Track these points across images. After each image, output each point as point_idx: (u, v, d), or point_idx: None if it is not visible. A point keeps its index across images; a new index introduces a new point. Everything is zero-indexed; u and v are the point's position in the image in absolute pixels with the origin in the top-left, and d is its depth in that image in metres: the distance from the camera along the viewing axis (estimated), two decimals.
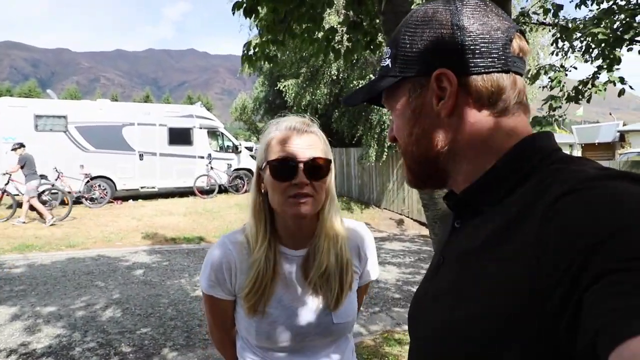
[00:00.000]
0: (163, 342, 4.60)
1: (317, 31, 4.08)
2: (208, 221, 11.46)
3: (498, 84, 0.69)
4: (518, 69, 0.71)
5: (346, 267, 1.31)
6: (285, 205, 1.22)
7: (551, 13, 5.60)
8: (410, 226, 12.53)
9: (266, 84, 19.67)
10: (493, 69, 0.69)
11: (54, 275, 6.92)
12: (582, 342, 0.47)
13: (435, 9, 0.73)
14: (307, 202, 1.22)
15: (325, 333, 1.28)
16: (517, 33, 0.72)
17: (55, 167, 12.39)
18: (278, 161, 1.22)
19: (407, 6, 2.60)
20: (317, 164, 1.23)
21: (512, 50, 0.70)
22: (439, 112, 0.72)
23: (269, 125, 1.32)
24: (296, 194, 1.21)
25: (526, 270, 0.55)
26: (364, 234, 1.43)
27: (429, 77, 0.72)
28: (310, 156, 1.23)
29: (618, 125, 23.12)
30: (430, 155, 0.75)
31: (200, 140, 15.39)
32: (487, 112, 0.71)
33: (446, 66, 0.70)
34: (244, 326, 1.30)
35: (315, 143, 1.26)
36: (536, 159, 0.67)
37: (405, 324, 5.25)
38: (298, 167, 1.21)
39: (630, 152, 16.97)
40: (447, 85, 0.70)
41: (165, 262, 7.91)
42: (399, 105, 0.78)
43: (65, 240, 9.40)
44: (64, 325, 4.95)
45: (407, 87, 0.76)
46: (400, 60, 0.75)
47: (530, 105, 0.77)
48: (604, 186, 0.53)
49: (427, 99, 0.73)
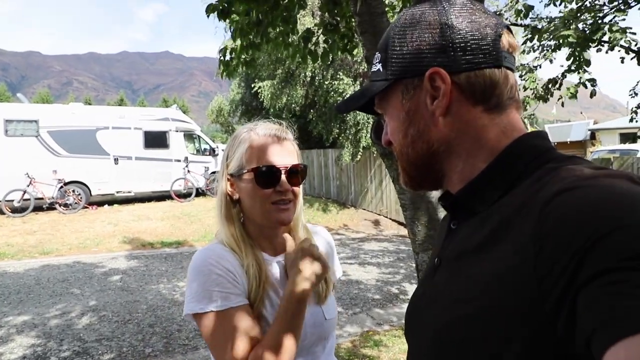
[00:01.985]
0: (142, 348, 4.53)
1: (292, 34, 4.08)
2: (186, 225, 11.33)
3: (491, 79, 0.70)
4: (509, 64, 0.72)
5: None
6: (268, 212, 1.23)
7: (522, 14, 5.71)
8: (388, 226, 12.61)
9: (242, 86, 19.53)
10: (485, 65, 0.70)
11: (27, 284, 6.76)
12: (579, 341, 0.47)
13: (423, 11, 0.73)
14: (289, 208, 1.25)
15: (319, 331, 1.28)
16: (505, 29, 0.73)
17: (27, 172, 12.11)
18: (265, 168, 1.22)
19: (382, 7, 2.62)
20: (297, 170, 1.27)
21: (501, 46, 0.71)
22: (434, 112, 0.72)
23: (242, 130, 1.31)
24: (279, 200, 1.23)
25: (524, 269, 0.55)
26: (327, 236, 1.50)
27: (421, 78, 0.72)
28: (291, 163, 1.26)
29: (589, 123, 23.70)
30: (426, 156, 0.76)
31: (177, 144, 15.20)
32: (481, 108, 0.71)
33: (438, 65, 0.70)
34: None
35: (292, 150, 1.30)
36: (531, 158, 0.68)
37: (385, 324, 5.29)
38: (281, 173, 1.23)
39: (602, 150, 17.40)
40: (441, 84, 0.70)
41: (143, 268, 7.80)
42: (393, 108, 0.78)
43: (39, 247, 9.18)
44: (39, 334, 4.84)
45: (399, 90, 0.76)
46: (391, 63, 0.75)
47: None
48: (600, 185, 0.54)
49: (420, 99, 0.73)
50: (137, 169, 14.32)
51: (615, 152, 15.26)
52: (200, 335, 4.79)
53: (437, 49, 0.70)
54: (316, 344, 1.29)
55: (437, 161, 0.75)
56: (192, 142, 16.07)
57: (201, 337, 4.78)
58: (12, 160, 12.34)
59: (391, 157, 2.74)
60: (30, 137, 12.90)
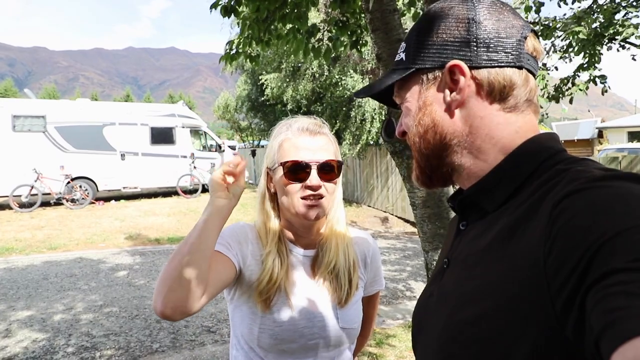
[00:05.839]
0: (149, 343, 4.55)
1: (302, 30, 4.07)
2: (192, 221, 11.36)
3: (510, 78, 0.70)
4: (531, 67, 0.72)
5: (353, 266, 1.33)
6: (297, 207, 1.22)
7: (532, 11, 5.66)
8: (395, 223, 12.58)
9: (249, 82, 19.55)
10: (506, 64, 0.70)
11: (35, 279, 6.79)
12: (588, 341, 0.47)
13: (453, 5, 0.74)
14: (319, 204, 1.23)
15: (329, 336, 1.25)
16: (531, 33, 0.73)
17: (35, 168, 12.18)
18: (292, 163, 1.22)
19: (394, 5, 2.60)
20: (329, 165, 1.24)
21: (526, 48, 0.71)
22: (450, 104, 0.73)
23: (280, 125, 1.32)
24: (309, 196, 1.22)
25: (533, 270, 0.55)
26: (370, 242, 1.44)
27: (442, 69, 0.73)
28: (324, 158, 1.24)
29: (596, 122, 23.56)
30: (437, 147, 0.76)
31: (183, 140, 15.25)
32: (497, 107, 0.71)
33: (460, 59, 0.71)
34: (247, 325, 1.24)
35: (327, 145, 1.27)
36: (541, 159, 0.68)
37: (391, 321, 5.28)
38: (312, 169, 1.22)
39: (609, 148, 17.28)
40: (460, 77, 0.71)
41: (150, 263, 7.82)
42: (410, 96, 0.79)
43: (46, 242, 9.23)
44: (47, 329, 4.86)
45: (419, 79, 0.76)
46: (414, 53, 0.76)
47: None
48: (610, 186, 0.54)
49: (439, 90, 0.74)
50: (143, 165, 14.39)
51: (624, 151, 15.16)
52: (208, 331, 4.81)
53: (460, 42, 0.71)
54: (325, 348, 1.26)
55: (448, 154, 0.75)
56: (198, 138, 16.14)
57: (208, 333, 4.80)
58: (20, 156, 12.43)
59: (401, 155, 2.73)
60: (37, 133, 12.99)
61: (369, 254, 1.42)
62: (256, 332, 1.22)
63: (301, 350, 1.23)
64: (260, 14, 3.74)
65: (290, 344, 1.22)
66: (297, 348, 1.23)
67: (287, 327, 1.21)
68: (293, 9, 3.75)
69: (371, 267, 1.41)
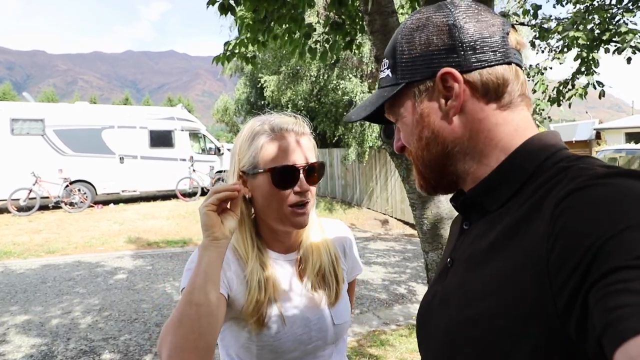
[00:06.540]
0: (148, 347, 4.53)
1: (299, 31, 4.07)
2: (191, 224, 11.34)
3: (503, 75, 0.70)
4: (518, 61, 0.73)
5: (337, 261, 1.29)
6: (284, 216, 1.14)
7: (530, 14, 5.67)
8: (395, 225, 12.58)
9: (248, 85, 19.56)
10: (495, 62, 0.70)
11: (33, 283, 6.77)
12: (591, 339, 0.47)
13: (429, 15, 0.74)
14: (306, 212, 1.16)
15: (324, 336, 1.23)
16: (511, 27, 0.74)
17: (33, 171, 12.16)
18: (281, 168, 1.12)
19: (392, 7, 2.61)
20: (315, 168, 1.17)
21: (510, 44, 0.71)
22: (448, 112, 0.72)
23: (255, 123, 1.19)
24: (297, 203, 1.14)
25: (536, 268, 0.55)
26: (344, 230, 1.40)
27: (433, 79, 0.72)
28: (310, 161, 1.16)
29: (594, 123, 23.57)
30: (441, 157, 0.75)
31: (182, 143, 15.24)
32: (494, 106, 0.71)
33: (449, 65, 0.70)
34: (242, 345, 1.17)
35: (310, 146, 1.19)
36: (543, 157, 0.68)
37: (392, 323, 5.27)
38: (300, 173, 1.13)
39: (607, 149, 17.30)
40: (453, 84, 0.70)
41: (149, 267, 7.80)
42: (405, 111, 0.78)
43: (44, 246, 9.21)
44: (45, 333, 4.85)
45: (411, 93, 0.76)
46: (401, 68, 0.76)
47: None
48: (613, 184, 0.54)
49: (433, 100, 0.74)
50: (142, 168, 14.36)
51: (622, 152, 15.17)
52: None
53: (447, 50, 0.71)
54: (323, 348, 1.24)
55: (452, 163, 0.75)
56: (197, 142, 16.13)
57: None
58: (18, 159, 12.40)
59: (400, 156, 2.73)
60: (36, 136, 12.96)
61: (347, 243, 1.37)
62: (255, 350, 1.15)
63: (302, 356, 1.20)
64: (259, 14, 3.74)
65: (291, 353, 1.18)
66: (297, 355, 1.19)
67: (286, 339, 1.16)
68: (290, 9, 3.75)
69: (350, 255, 1.38)
